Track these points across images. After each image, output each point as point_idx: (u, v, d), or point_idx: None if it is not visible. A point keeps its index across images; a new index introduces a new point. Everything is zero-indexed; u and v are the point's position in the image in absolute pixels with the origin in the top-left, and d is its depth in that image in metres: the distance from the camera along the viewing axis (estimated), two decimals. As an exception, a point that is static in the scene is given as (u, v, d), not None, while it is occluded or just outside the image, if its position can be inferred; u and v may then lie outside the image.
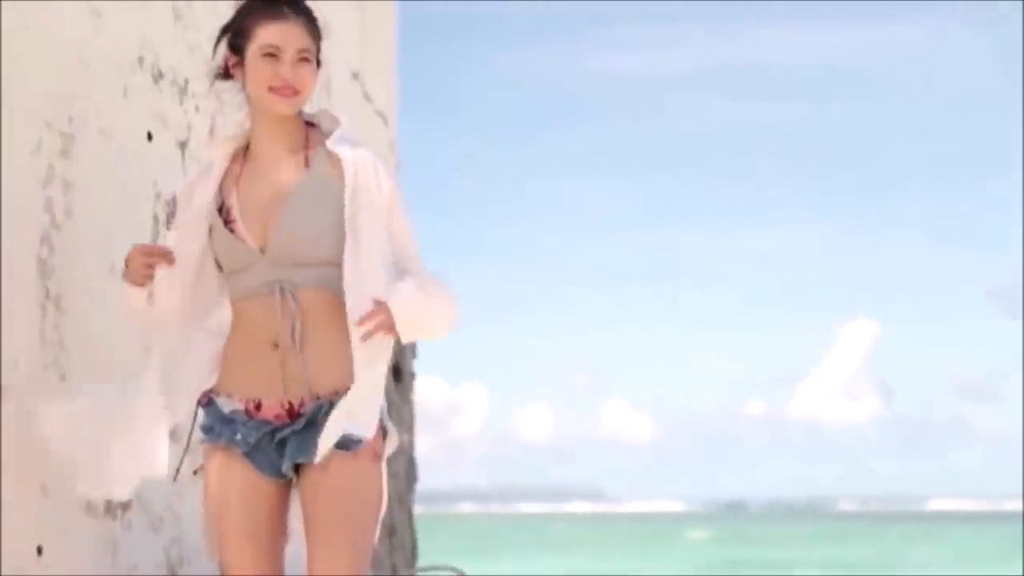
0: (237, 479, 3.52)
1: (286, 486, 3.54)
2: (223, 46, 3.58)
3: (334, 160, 3.52)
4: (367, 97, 6.74)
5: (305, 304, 3.46)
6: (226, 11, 3.69)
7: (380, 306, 3.43)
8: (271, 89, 3.49)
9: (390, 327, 3.44)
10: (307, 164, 3.53)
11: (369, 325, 3.41)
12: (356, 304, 3.43)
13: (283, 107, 3.51)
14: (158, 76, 4.46)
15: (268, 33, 3.50)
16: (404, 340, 3.52)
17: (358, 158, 3.50)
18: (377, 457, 3.51)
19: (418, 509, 9.02)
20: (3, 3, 3.64)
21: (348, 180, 3.48)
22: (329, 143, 3.53)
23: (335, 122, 3.61)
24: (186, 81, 4.61)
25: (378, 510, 3.52)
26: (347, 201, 3.46)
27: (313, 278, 3.47)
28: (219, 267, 3.59)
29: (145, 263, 3.56)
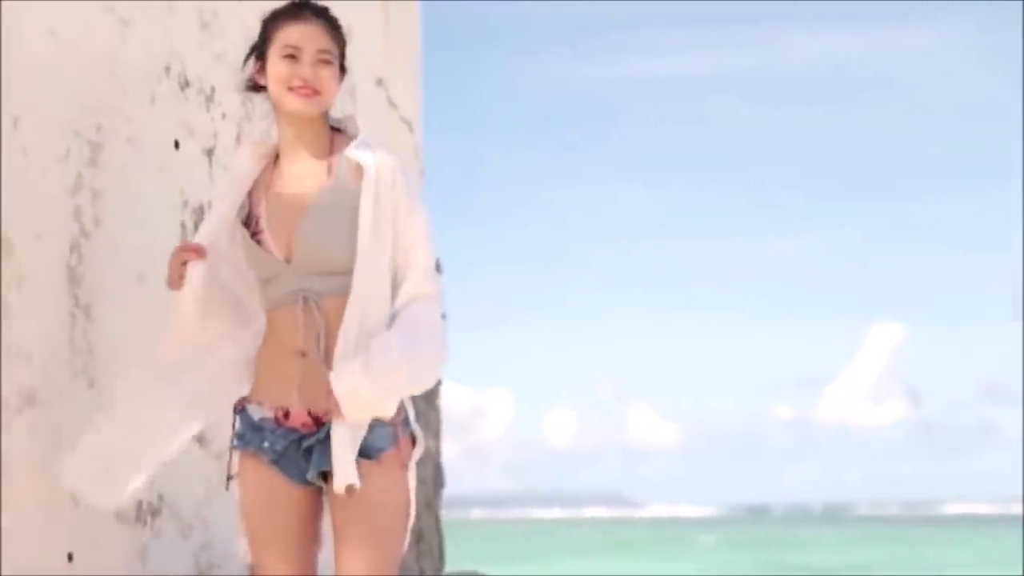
0: (266, 486, 3.53)
1: (317, 492, 3.54)
2: (252, 59, 3.61)
3: (356, 166, 3.51)
4: (392, 104, 6.74)
5: (329, 313, 3.46)
6: (253, 19, 3.71)
7: (327, 393, 3.40)
8: (290, 89, 3.51)
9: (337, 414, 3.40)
10: (330, 171, 3.54)
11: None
12: (358, 316, 3.41)
13: (302, 107, 3.51)
14: (185, 84, 4.47)
15: (287, 34, 3.52)
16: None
17: (379, 163, 3.49)
18: (403, 465, 3.50)
19: (444, 514, 9.02)
20: (33, 13, 3.66)
21: (367, 186, 3.46)
22: (349, 149, 3.53)
23: (358, 127, 3.62)
24: (212, 89, 4.62)
25: (405, 518, 3.51)
26: (363, 208, 3.45)
27: (336, 286, 3.45)
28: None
29: (179, 261, 3.56)
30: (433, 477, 8.34)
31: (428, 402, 8.07)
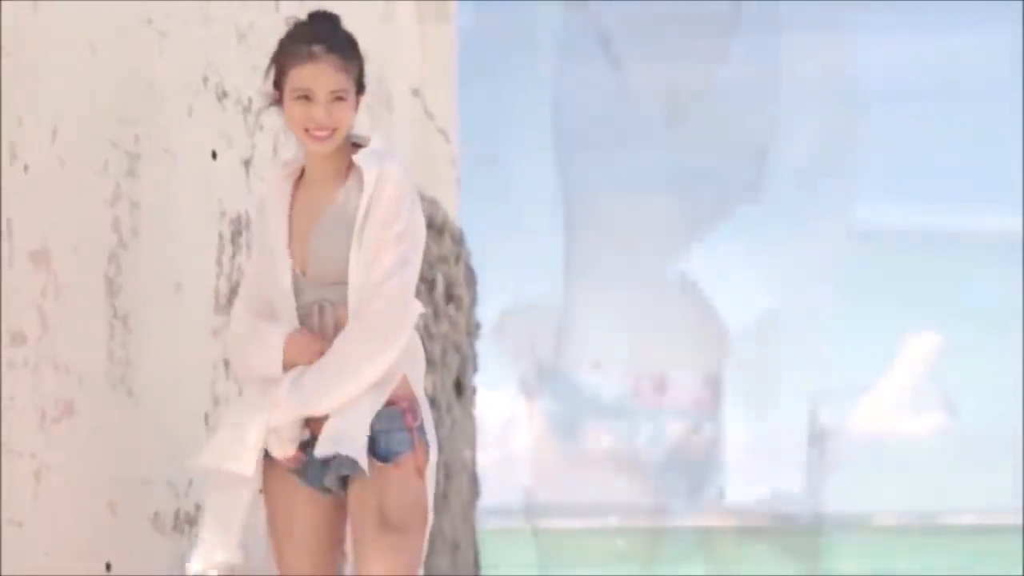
0: (287, 493, 3.56)
1: (336, 498, 3.53)
2: (271, 77, 3.61)
3: (363, 177, 3.52)
4: (428, 114, 6.74)
5: (342, 320, 3.49)
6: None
7: None
8: (306, 131, 3.52)
9: None
10: (344, 184, 3.56)
11: None
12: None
13: (319, 148, 3.54)
14: (222, 95, 4.49)
15: (299, 77, 3.51)
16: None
17: (382, 173, 3.49)
18: (419, 471, 3.49)
19: (480, 524, 9.01)
20: (70, 25, 3.68)
21: (364, 196, 3.47)
22: (355, 158, 3.54)
23: (378, 141, 3.62)
24: (250, 100, 4.64)
25: (422, 523, 3.50)
26: (358, 217, 3.46)
27: (347, 295, 3.49)
28: None
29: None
30: (469, 486, 8.34)
31: (464, 410, 8.08)
